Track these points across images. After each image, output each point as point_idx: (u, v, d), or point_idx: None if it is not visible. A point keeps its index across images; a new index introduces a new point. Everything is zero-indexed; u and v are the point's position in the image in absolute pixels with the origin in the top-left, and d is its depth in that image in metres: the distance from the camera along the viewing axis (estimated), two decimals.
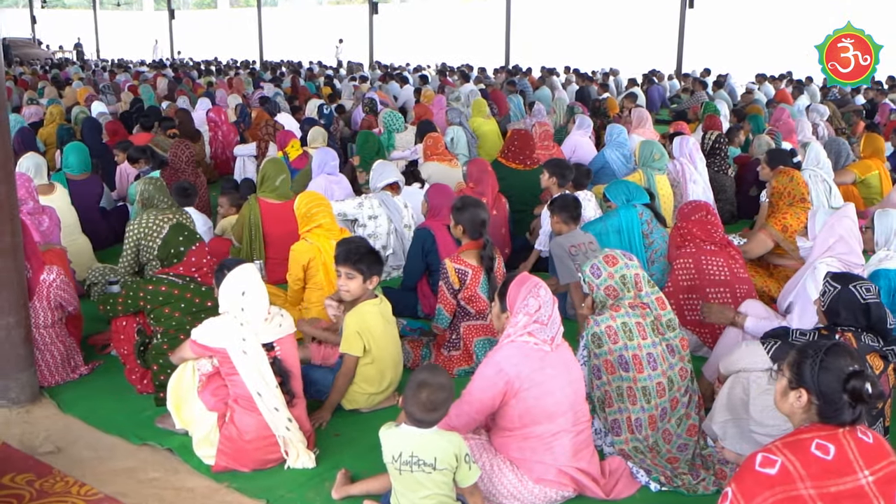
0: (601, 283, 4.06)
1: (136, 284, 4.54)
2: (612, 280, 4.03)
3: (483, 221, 4.92)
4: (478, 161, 7.08)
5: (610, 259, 4.07)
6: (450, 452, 3.13)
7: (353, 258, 4.31)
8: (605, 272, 4.05)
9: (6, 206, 4.21)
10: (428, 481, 3.11)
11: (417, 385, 3.14)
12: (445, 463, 3.11)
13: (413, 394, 3.14)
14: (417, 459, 3.10)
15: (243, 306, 3.78)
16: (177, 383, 3.98)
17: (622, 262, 4.05)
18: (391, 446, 3.16)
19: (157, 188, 5.91)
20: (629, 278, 4.04)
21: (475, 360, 4.86)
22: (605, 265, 4.06)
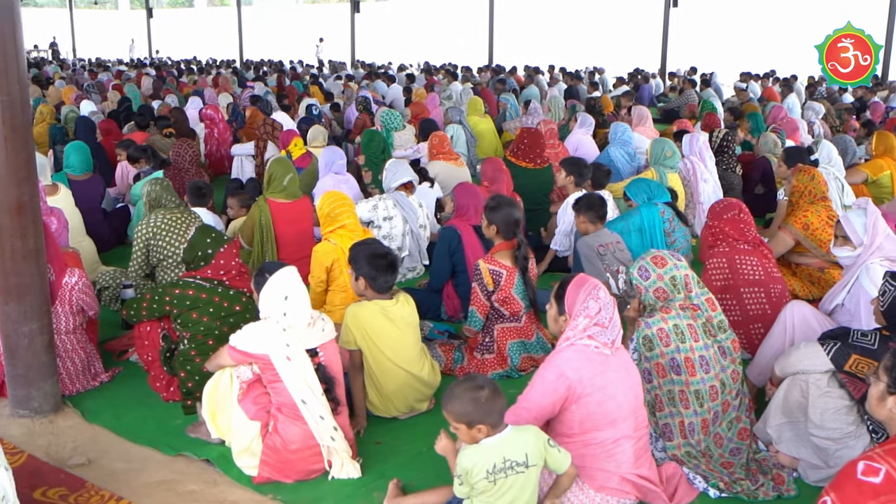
0: (650, 285, 3.95)
1: (162, 288, 4.37)
2: (662, 282, 3.93)
3: (517, 221, 4.81)
4: (493, 160, 6.97)
5: (659, 260, 3.97)
6: (535, 443, 3.09)
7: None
8: (654, 274, 3.95)
9: (29, 209, 4.02)
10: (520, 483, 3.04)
11: (473, 391, 3.05)
12: (535, 457, 3.06)
13: (479, 402, 3.03)
14: (511, 463, 3.02)
15: (286, 311, 3.62)
16: (212, 391, 3.83)
17: (671, 263, 3.95)
18: (483, 462, 3.04)
19: (164, 188, 5.73)
20: (679, 279, 3.94)
21: (510, 364, 4.75)
22: (653, 266, 3.96)
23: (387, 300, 4.19)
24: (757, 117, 10.89)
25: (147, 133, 9.75)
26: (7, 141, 3.91)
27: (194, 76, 20.29)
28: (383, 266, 4.11)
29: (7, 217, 3.97)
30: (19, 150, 3.95)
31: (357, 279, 4.25)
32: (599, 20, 40.04)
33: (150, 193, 5.64)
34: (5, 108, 3.88)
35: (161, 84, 16.89)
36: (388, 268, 4.12)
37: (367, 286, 4.19)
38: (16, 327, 4.07)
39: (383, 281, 4.13)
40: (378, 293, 4.19)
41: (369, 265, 4.11)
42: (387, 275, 4.13)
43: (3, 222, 3.98)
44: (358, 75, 21.35)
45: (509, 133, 12.49)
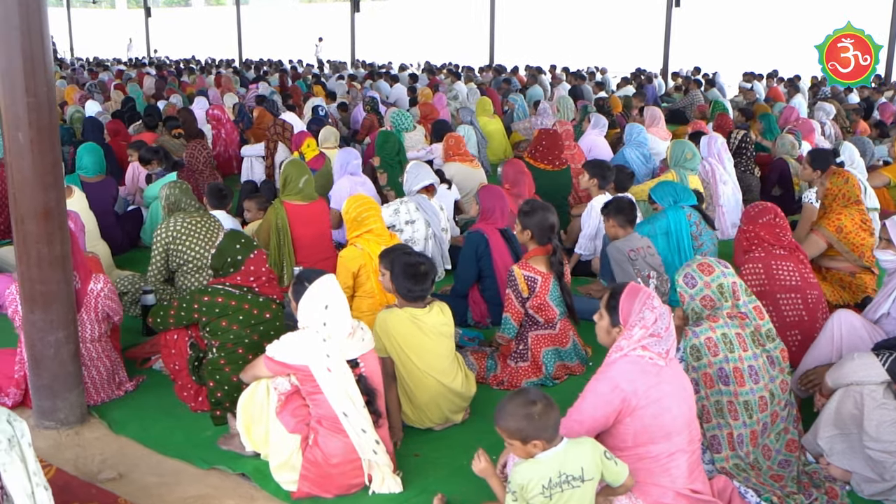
0: (696, 293, 3.85)
1: (190, 295, 4.24)
2: (709, 290, 3.83)
3: (552, 226, 4.70)
4: (514, 162, 6.86)
5: (705, 267, 3.87)
6: (592, 456, 3.00)
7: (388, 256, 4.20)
8: (701, 281, 3.85)
9: (55, 214, 3.90)
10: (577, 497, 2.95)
11: (525, 407, 2.95)
12: (592, 470, 2.97)
13: (532, 417, 2.93)
14: (567, 477, 2.93)
15: (326, 321, 3.51)
16: (248, 402, 3.71)
17: (719, 270, 3.85)
18: (539, 476, 2.93)
19: (183, 191, 5.60)
20: (727, 287, 3.84)
21: (544, 372, 4.64)
22: (700, 274, 3.86)
23: (419, 308, 4.07)
24: (769, 118, 10.79)
25: (156, 134, 9.61)
26: (33, 144, 3.79)
27: (195, 76, 20.11)
28: (417, 275, 4.00)
29: (33, 223, 3.85)
30: (46, 154, 3.83)
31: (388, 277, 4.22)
32: (598, 20, 39.96)
33: (169, 197, 5.51)
34: (31, 109, 3.76)
35: (163, 84, 16.73)
36: (421, 277, 4.01)
37: (397, 293, 4.09)
38: (42, 336, 3.94)
39: (418, 290, 4.02)
40: (409, 302, 4.07)
41: (403, 274, 4.00)
42: (420, 284, 4.02)
43: (29, 228, 3.86)
44: (359, 75, 21.20)
45: (518, 134, 12.38)
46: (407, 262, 4.02)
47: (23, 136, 3.76)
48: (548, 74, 22.20)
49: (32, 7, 3.70)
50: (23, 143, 3.76)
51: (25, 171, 3.80)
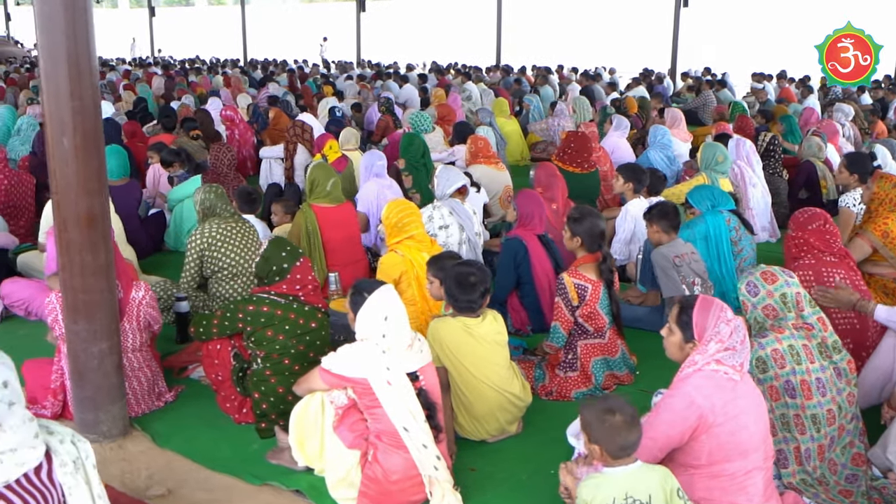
0: (759, 301, 3.74)
1: (234, 304, 4.13)
2: (772, 299, 3.72)
3: (602, 232, 4.59)
4: (546, 165, 6.74)
5: (769, 276, 3.76)
6: (662, 487, 2.87)
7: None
8: (764, 290, 3.74)
9: (100, 222, 3.79)
10: None
11: (603, 413, 2.86)
12: (659, 500, 2.83)
13: (603, 424, 2.84)
14: (633, 500, 2.81)
15: (385, 332, 3.39)
16: (301, 416, 3.60)
17: (782, 280, 3.74)
18: (604, 495, 2.82)
19: (219, 196, 5.48)
20: (790, 297, 3.73)
21: (594, 382, 4.53)
22: (763, 283, 3.75)
23: (471, 318, 3.96)
24: (791, 120, 10.69)
25: (173, 135, 9.48)
26: (78, 150, 3.67)
27: (202, 76, 19.97)
28: (468, 285, 3.88)
29: (76, 230, 3.74)
30: (90, 159, 3.72)
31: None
32: (603, 19, 39.84)
33: (205, 202, 5.39)
34: (76, 113, 3.64)
35: (172, 84, 16.59)
36: (472, 287, 3.89)
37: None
38: (85, 347, 3.82)
39: (470, 301, 3.90)
40: (462, 312, 3.96)
41: (455, 284, 3.89)
42: (472, 294, 3.90)
43: (73, 236, 3.74)
44: (367, 75, 21.08)
45: (534, 135, 12.27)
46: (458, 271, 3.91)
47: (67, 142, 3.64)
48: (554, 75, 22.08)
49: (79, 9, 3.58)
50: (67, 149, 3.65)
51: (69, 176, 3.69)
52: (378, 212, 7.04)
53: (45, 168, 8.06)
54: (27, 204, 7.46)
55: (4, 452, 2.38)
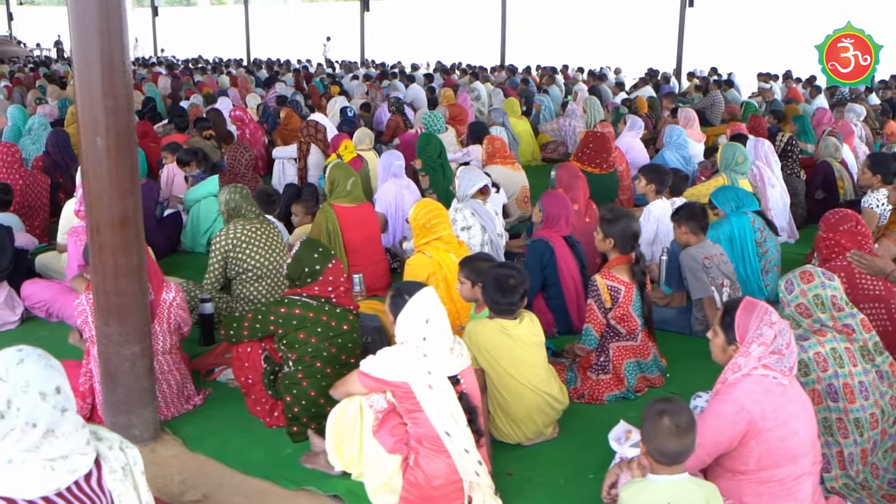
0: (792, 299, 3.74)
1: (266, 307, 4.08)
2: (805, 298, 3.71)
3: (635, 234, 4.55)
4: (568, 165, 6.69)
5: (806, 276, 3.74)
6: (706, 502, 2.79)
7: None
8: (798, 289, 3.73)
9: (132, 223, 3.73)
10: None
11: (655, 415, 2.79)
12: None
13: (654, 425, 2.77)
14: None
15: (426, 335, 3.34)
16: (338, 420, 3.55)
17: (818, 281, 3.71)
18: (644, 501, 2.77)
19: (244, 197, 5.43)
20: (825, 298, 3.69)
21: (626, 385, 4.48)
22: (799, 281, 3.74)
23: (509, 320, 3.92)
24: (804, 120, 10.63)
25: (186, 135, 9.42)
26: (111, 150, 3.61)
27: (207, 75, 19.90)
28: (507, 288, 3.84)
29: (109, 232, 3.68)
30: (123, 160, 3.66)
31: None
32: (606, 19, 39.77)
33: (229, 202, 5.34)
34: (109, 113, 3.58)
35: (179, 84, 16.53)
36: (511, 290, 3.85)
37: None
38: (117, 350, 3.77)
39: (508, 304, 3.86)
40: (500, 315, 3.92)
41: (494, 287, 3.84)
42: (511, 297, 3.86)
43: (105, 238, 3.69)
44: (373, 75, 21.02)
45: (545, 135, 12.23)
46: (498, 274, 3.87)
47: (101, 141, 3.59)
48: (559, 75, 22.02)
49: (112, 8, 3.53)
50: (101, 149, 3.59)
51: (102, 178, 3.63)
52: (396, 212, 7.02)
53: (59, 168, 8.12)
54: (42, 204, 7.42)
55: (56, 459, 2.33)
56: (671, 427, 2.74)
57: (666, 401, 2.86)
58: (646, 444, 2.79)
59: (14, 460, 2.30)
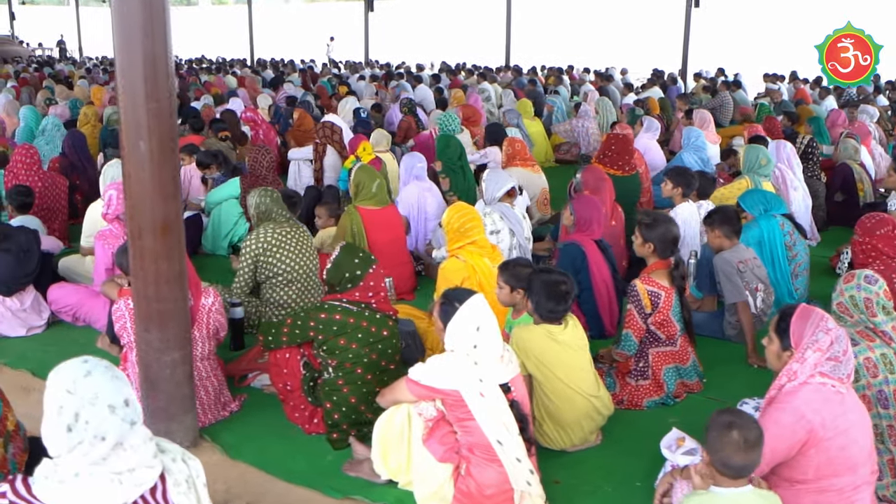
0: (835, 297, 3.74)
1: (305, 312, 4.04)
2: (843, 297, 3.71)
3: (675, 238, 4.51)
4: (593, 168, 6.66)
5: (849, 276, 3.75)
6: None
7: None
8: (839, 287, 3.75)
9: (174, 228, 3.70)
10: None
11: (723, 427, 2.73)
12: None
13: (721, 437, 2.73)
14: None
15: (477, 343, 3.30)
16: (385, 427, 3.51)
17: (855, 283, 3.69)
18: None
19: (274, 200, 5.39)
20: (858, 300, 3.66)
21: (665, 391, 4.44)
22: (841, 280, 3.75)
23: (555, 325, 3.88)
24: (819, 122, 10.60)
25: (202, 136, 9.36)
26: (153, 154, 3.57)
27: (212, 76, 19.83)
28: (559, 295, 3.81)
29: (151, 237, 3.64)
30: (166, 164, 3.62)
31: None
32: (609, 19, 39.71)
33: (260, 206, 5.30)
34: (152, 116, 3.54)
35: (186, 84, 16.47)
36: (563, 297, 3.82)
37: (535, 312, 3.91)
38: (158, 357, 3.73)
39: (560, 311, 3.83)
40: (546, 321, 3.88)
41: (546, 294, 3.80)
42: (563, 304, 3.83)
43: (147, 243, 3.64)
44: (378, 75, 20.95)
45: (558, 136, 12.18)
46: (548, 280, 3.83)
47: (144, 145, 3.54)
48: (565, 75, 21.98)
49: (156, 8, 3.48)
50: (143, 153, 3.55)
51: (145, 182, 3.59)
52: (419, 215, 6.98)
53: (75, 169, 8.05)
54: (61, 206, 7.37)
55: (123, 473, 2.29)
56: (739, 441, 2.69)
57: (733, 413, 2.82)
58: (711, 456, 2.74)
59: (81, 473, 2.26)
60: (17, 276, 5.26)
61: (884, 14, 20.31)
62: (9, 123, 10.82)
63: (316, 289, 5.39)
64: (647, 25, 34.97)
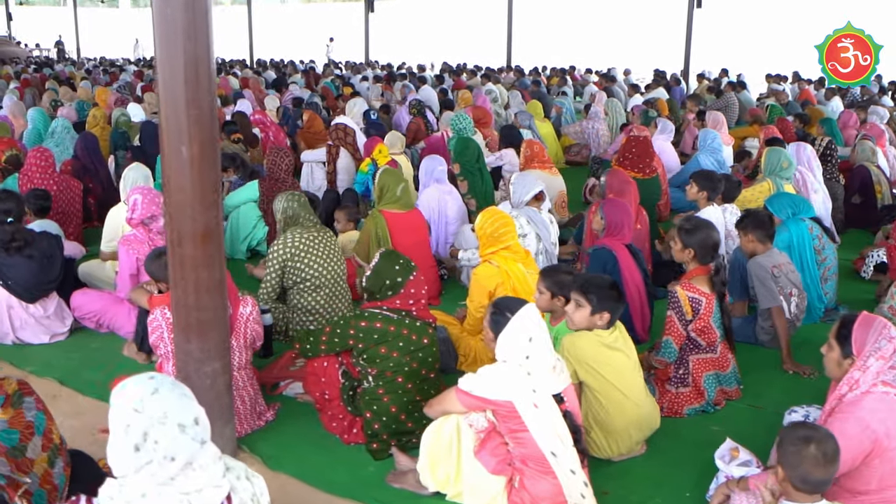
0: (887, 299, 3.65)
1: (345, 320, 3.97)
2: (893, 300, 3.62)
3: (716, 244, 4.45)
4: (617, 172, 6.59)
5: None
6: None
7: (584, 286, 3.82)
8: (891, 291, 3.65)
9: (215, 235, 3.60)
10: None
11: (801, 442, 2.68)
12: None
13: (799, 452, 2.67)
14: None
15: (529, 354, 3.23)
16: (434, 439, 3.44)
17: None
18: None
19: (302, 205, 5.31)
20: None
21: (706, 398, 4.38)
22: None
23: (603, 330, 3.82)
24: (832, 123, 10.56)
25: None
26: (195, 160, 3.49)
27: (219, 76, 19.71)
28: (616, 297, 3.75)
29: (192, 245, 3.55)
30: (208, 171, 3.53)
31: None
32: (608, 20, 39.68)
33: (287, 210, 5.22)
34: (193, 122, 3.46)
35: None
36: (621, 299, 3.77)
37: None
38: (198, 367, 3.64)
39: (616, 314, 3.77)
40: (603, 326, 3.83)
41: (605, 298, 3.74)
42: (620, 307, 3.77)
43: (187, 251, 3.55)
44: (380, 76, 20.87)
45: (568, 137, 12.13)
46: (605, 283, 3.78)
47: (185, 151, 3.46)
48: (567, 76, 21.93)
49: (199, 12, 3.40)
50: (185, 159, 3.47)
51: (186, 189, 3.50)
52: (440, 218, 6.90)
53: (88, 172, 7.96)
54: (75, 210, 7.28)
55: (190, 493, 2.22)
56: (818, 455, 2.63)
57: (808, 427, 2.76)
58: (788, 472, 2.68)
59: (148, 494, 2.19)
60: (40, 283, 5.17)
61: (884, 14, 20.32)
62: (16, 125, 10.71)
63: (344, 294, 5.32)
64: (649, 25, 34.92)
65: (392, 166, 8.03)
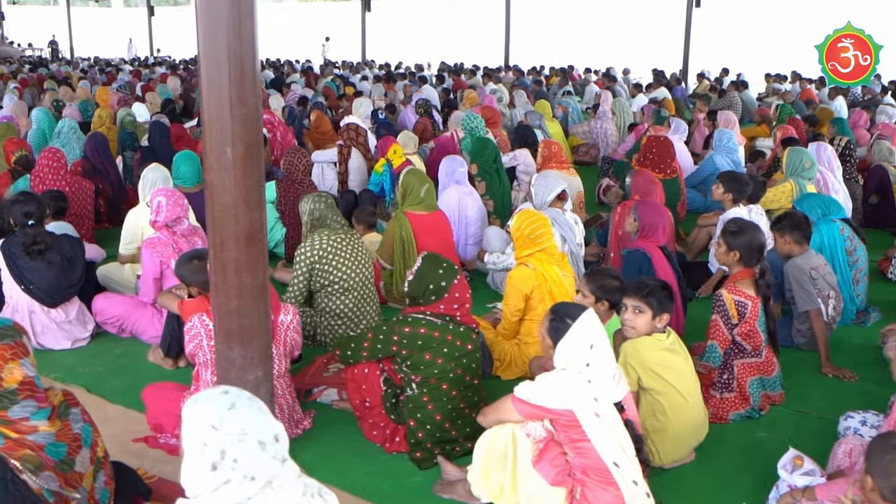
0: None
1: (388, 326, 3.86)
2: None
3: (762, 246, 4.36)
4: (643, 172, 6.52)
5: None
6: None
7: (643, 291, 3.73)
8: None
9: (259, 238, 3.49)
10: None
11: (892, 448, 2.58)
12: None
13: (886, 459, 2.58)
14: None
15: (590, 361, 3.14)
16: (488, 448, 3.34)
17: None
18: None
19: (329, 206, 5.20)
20: None
21: (751, 403, 4.29)
22: None
23: (660, 334, 3.74)
24: (842, 123, 10.49)
25: None
26: (239, 160, 3.37)
27: None
28: (671, 298, 3.68)
29: (234, 248, 3.43)
30: (252, 172, 3.42)
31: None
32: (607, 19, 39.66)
33: (314, 212, 5.11)
34: (239, 122, 3.33)
35: (191, 84, 16.19)
36: (673, 300, 3.69)
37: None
38: (240, 375, 3.53)
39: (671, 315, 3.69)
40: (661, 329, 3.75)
41: (663, 300, 3.67)
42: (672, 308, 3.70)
43: (230, 254, 3.44)
44: (379, 76, 20.74)
45: (576, 137, 12.05)
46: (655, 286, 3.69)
47: (230, 152, 3.34)
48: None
49: (244, 8, 3.29)
50: (230, 160, 3.35)
51: (230, 190, 3.39)
52: (460, 219, 6.80)
53: (98, 173, 7.81)
54: (87, 211, 7.15)
55: None
56: None
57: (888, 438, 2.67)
58: (878, 481, 2.59)
59: None
60: (62, 287, 5.04)
61: (884, 14, 20.32)
62: (20, 126, 10.54)
63: (372, 297, 5.21)
64: (647, 25, 34.90)
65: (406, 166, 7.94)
